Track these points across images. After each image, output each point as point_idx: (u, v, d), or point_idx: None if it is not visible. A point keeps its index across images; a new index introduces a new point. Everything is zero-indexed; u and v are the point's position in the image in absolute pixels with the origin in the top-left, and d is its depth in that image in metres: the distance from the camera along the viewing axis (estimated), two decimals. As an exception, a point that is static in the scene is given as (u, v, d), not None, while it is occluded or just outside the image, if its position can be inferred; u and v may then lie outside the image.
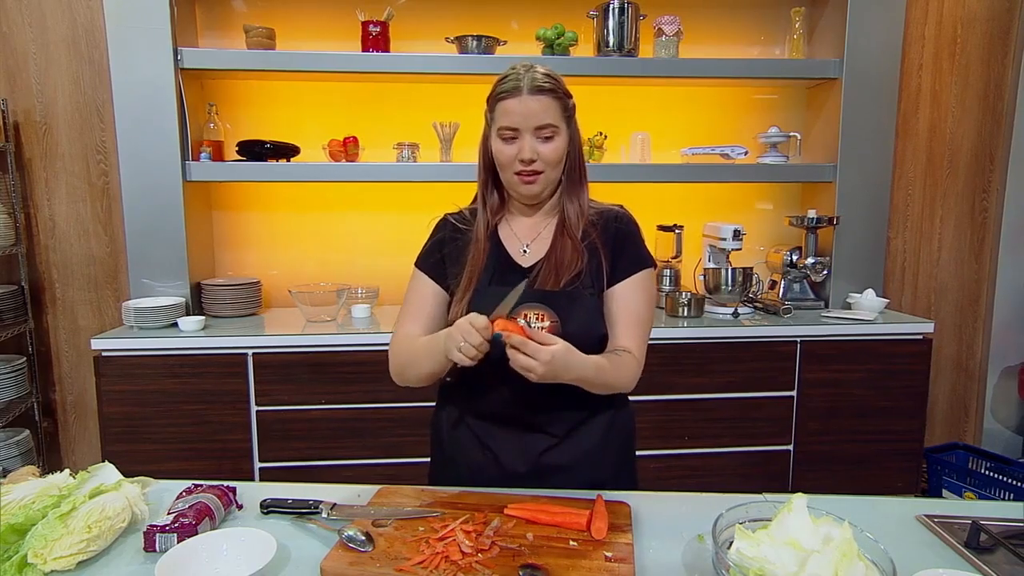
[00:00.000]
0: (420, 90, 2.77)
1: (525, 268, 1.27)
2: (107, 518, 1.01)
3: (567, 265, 1.22)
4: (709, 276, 2.64)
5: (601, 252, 1.25)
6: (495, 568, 0.93)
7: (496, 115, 1.21)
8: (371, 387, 2.30)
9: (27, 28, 2.62)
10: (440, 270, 1.30)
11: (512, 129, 1.19)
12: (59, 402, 2.85)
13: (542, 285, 1.22)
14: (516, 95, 1.17)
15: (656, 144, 2.83)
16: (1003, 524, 1.08)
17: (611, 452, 1.30)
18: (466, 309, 1.21)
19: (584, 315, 1.22)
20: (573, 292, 1.22)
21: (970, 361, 3.14)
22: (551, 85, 1.19)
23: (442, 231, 1.34)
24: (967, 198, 3.05)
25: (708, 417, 2.45)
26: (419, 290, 1.31)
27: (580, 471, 1.25)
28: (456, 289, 1.26)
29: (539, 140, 1.19)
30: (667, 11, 2.65)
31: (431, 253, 1.33)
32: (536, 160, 1.19)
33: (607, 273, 1.25)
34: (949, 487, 2.74)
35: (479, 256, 1.26)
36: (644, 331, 1.26)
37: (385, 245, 2.85)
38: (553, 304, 1.20)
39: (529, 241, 1.30)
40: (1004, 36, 2.95)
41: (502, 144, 1.21)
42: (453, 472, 1.30)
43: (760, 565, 0.85)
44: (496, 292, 1.20)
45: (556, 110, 1.19)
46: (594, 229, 1.27)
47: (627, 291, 1.25)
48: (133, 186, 2.44)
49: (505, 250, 1.29)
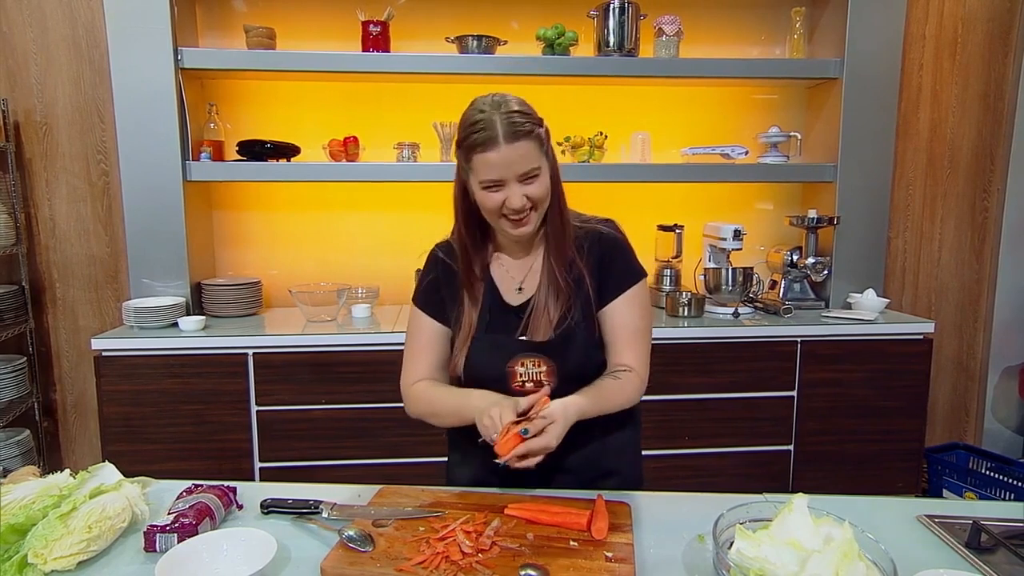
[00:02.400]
0: (420, 90, 2.77)
1: (517, 306, 1.27)
2: (107, 518, 1.01)
3: (556, 307, 1.23)
4: (709, 276, 2.64)
5: (587, 280, 1.25)
6: (495, 568, 0.93)
7: (475, 167, 1.15)
8: (371, 387, 2.30)
9: (27, 28, 2.63)
10: (441, 309, 1.31)
11: (496, 181, 1.14)
12: (59, 402, 2.85)
13: (533, 336, 1.23)
14: (494, 147, 1.11)
15: (656, 144, 2.83)
16: (1004, 524, 1.08)
17: (617, 452, 1.32)
18: (464, 362, 1.24)
19: (579, 353, 1.24)
20: (564, 333, 1.23)
21: (971, 361, 3.14)
22: (527, 125, 1.13)
23: (434, 270, 1.33)
24: (968, 198, 3.05)
25: (708, 417, 2.44)
26: (424, 331, 1.31)
27: (585, 470, 1.26)
28: (455, 329, 1.28)
29: (524, 184, 1.15)
30: (667, 11, 2.65)
31: (430, 293, 1.32)
32: (526, 204, 1.16)
33: (595, 297, 1.26)
34: (950, 487, 2.74)
35: (473, 304, 1.27)
36: (644, 343, 1.27)
37: (385, 245, 2.85)
38: (548, 351, 1.22)
39: (522, 279, 1.30)
40: (1005, 36, 2.95)
41: (487, 193, 1.16)
42: (468, 471, 1.31)
43: (761, 565, 0.85)
44: (492, 342, 1.25)
45: (535, 150, 1.15)
46: (578, 256, 1.26)
47: (622, 307, 1.26)
48: (133, 186, 2.44)
49: (499, 293, 1.29)
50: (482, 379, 1.24)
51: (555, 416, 1.07)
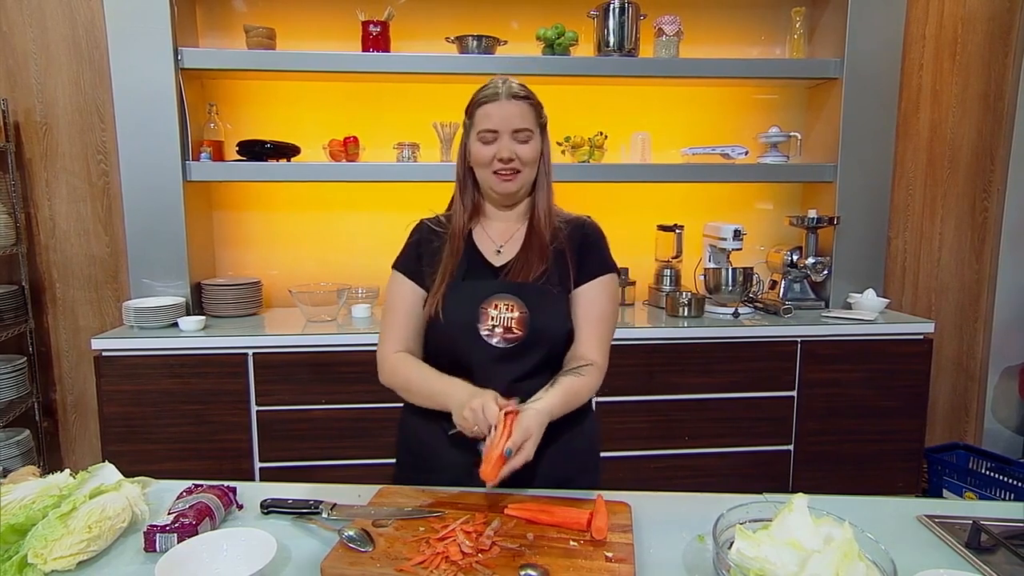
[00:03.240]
0: (420, 90, 2.77)
1: (497, 267, 1.33)
2: (107, 518, 1.01)
3: (536, 263, 1.30)
4: (709, 276, 2.64)
5: (568, 256, 1.33)
6: (495, 568, 0.93)
7: (476, 119, 1.30)
8: (371, 387, 2.26)
9: (27, 28, 2.63)
10: (417, 270, 1.35)
11: (491, 131, 1.27)
12: (59, 402, 2.85)
13: (513, 278, 1.30)
14: (495, 100, 1.27)
15: (656, 144, 2.83)
16: (1004, 524, 1.08)
17: (574, 451, 1.33)
18: (441, 303, 1.28)
19: (552, 309, 1.29)
20: (542, 287, 1.29)
21: (971, 361, 3.14)
22: (526, 94, 1.30)
23: (418, 233, 1.42)
24: (968, 198, 3.05)
25: (708, 417, 2.44)
26: (400, 293, 1.36)
27: (543, 471, 1.25)
28: (431, 285, 1.32)
29: (516, 142, 1.27)
30: (667, 11, 2.65)
31: (408, 254, 1.40)
32: (514, 159, 1.27)
33: (573, 275, 1.32)
34: (950, 487, 2.74)
35: (453, 254, 1.33)
36: (607, 332, 1.33)
37: (385, 245, 2.79)
38: (523, 296, 1.27)
39: (503, 243, 1.36)
40: (1005, 36, 2.95)
41: (481, 146, 1.29)
42: (422, 472, 1.31)
43: (761, 565, 0.85)
44: (469, 286, 1.29)
45: (531, 116, 1.29)
46: (562, 234, 1.35)
47: (592, 292, 1.32)
48: (133, 186, 2.44)
49: (479, 251, 1.36)
50: (454, 322, 1.26)
51: (531, 431, 1.10)
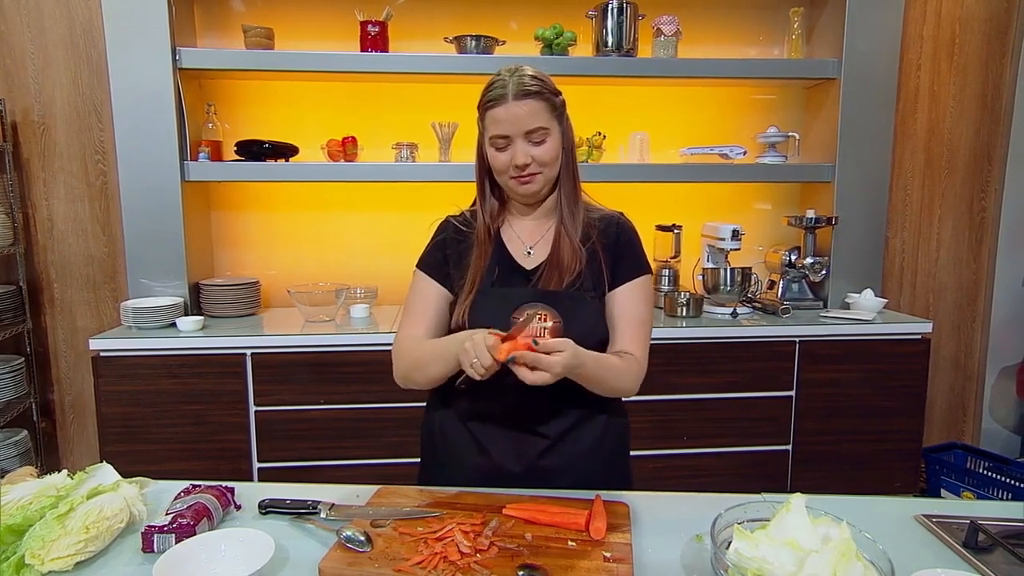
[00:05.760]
0: (419, 90, 2.76)
1: (528, 270, 1.27)
2: (105, 519, 1.01)
3: (568, 266, 1.23)
4: (708, 276, 2.64)
5: (601, 256, 1.27)
6: (494, 568, 0.93)
7: (486, 124, 1.22)
8: (370, 387, 2.30)
9: (25, 28, 2.62)
10: (443, 271, 1.30)
11: (503, 137, 1.19)
12: (57, 402, 2.84)
13: (545, 285, 1.23)
14: (502, 103, 1.17)
15: (655, 144, 2.83)
16: (1001, 524, 1.09)
17: (605, 455, 1.30)
18: (469, 311, 1.22)
19: (586, 317, 1.23)
20: (575, 294, 1.23)
21: (968, 361, 3.15)
22: (537, 87, 1.18)
23: (444, 232, 1.34)
24: (965, 198, 3.05)
25: (707, 417, 2.45)
26: (422, 292, 1.30)
27: (574, 473, 1.25)
28: (460, 291, 1.26)
29: (531, 144, 1.19)
30: (666, 11, 2.65)
31: (433, 254, 1.32)
32: (531, 163, 1.20)
33: (608, 278, 1.26)
34: (947, 487, 2.74)
35: (482, 257, 1.26)
36: (645, 333, 1.27)
37: (384, 245, 2.85)
38: (556, 304, 1.21)
39: (532, 243, 1.30)
40: (1002, 36, 2.95)
41: (496, 152, 1.21)
42: (446, 474, 1.30)
43: (758, 565, 0.85)
44: (500, 293, 1.22)
45: (544, 111, 1.19)
46: (595, 232, 1.28)
47: (628, 294, 1.26)
48: (131, 186, 2.44)
49: (508, 252, 1.30)
50: None
51: (567, 346, 1.04)
